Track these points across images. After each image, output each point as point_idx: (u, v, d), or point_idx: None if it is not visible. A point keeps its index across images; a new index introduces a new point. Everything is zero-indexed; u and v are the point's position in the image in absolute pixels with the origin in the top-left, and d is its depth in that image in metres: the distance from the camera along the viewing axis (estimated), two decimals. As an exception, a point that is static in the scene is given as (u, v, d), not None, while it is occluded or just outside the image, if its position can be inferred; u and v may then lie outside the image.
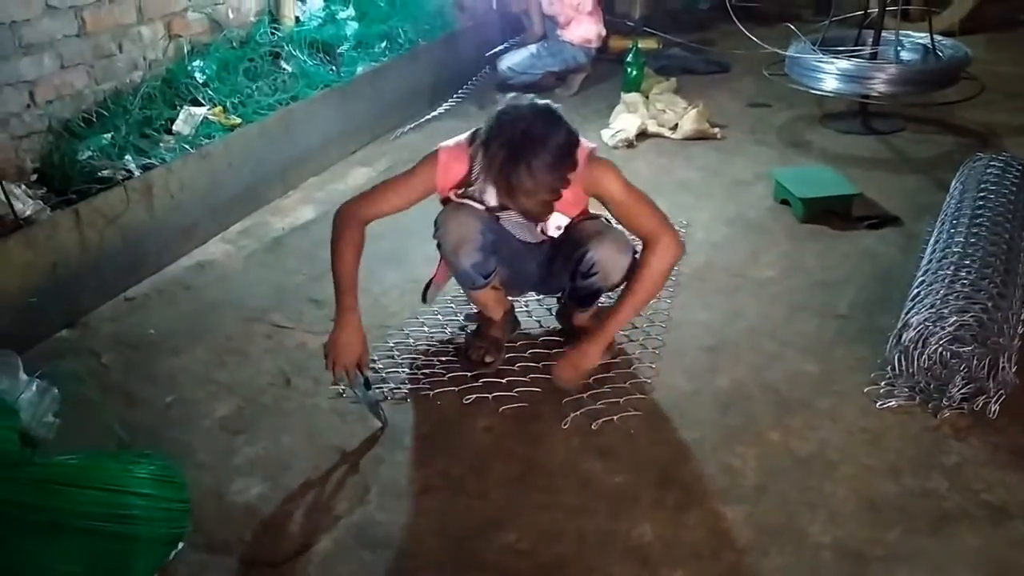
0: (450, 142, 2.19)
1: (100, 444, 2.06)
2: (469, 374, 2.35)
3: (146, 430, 2.16)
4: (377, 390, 2.25)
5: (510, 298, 2.52)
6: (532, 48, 4.92)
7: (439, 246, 2.27)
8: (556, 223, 2.24)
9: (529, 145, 1.92)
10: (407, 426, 2.18)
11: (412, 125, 4.34)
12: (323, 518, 1.89)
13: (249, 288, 2.86)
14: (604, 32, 5.04)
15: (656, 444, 2.11)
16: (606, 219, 2.31)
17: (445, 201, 2.25)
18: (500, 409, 2.23)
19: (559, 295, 2.53)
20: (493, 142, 1.95)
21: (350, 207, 2.19)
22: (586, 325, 2.46)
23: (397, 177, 2.22)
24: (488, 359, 2.39)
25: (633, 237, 2.24)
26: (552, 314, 2.61)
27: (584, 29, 4.85)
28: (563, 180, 1.99)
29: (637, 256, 2.22)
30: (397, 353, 2.46)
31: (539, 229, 2.29)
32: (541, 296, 2.67)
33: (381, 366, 2.40)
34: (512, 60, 4.92)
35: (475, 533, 1.85)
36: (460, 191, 2.20)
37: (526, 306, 2.68)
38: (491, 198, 2.14)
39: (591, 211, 2.34)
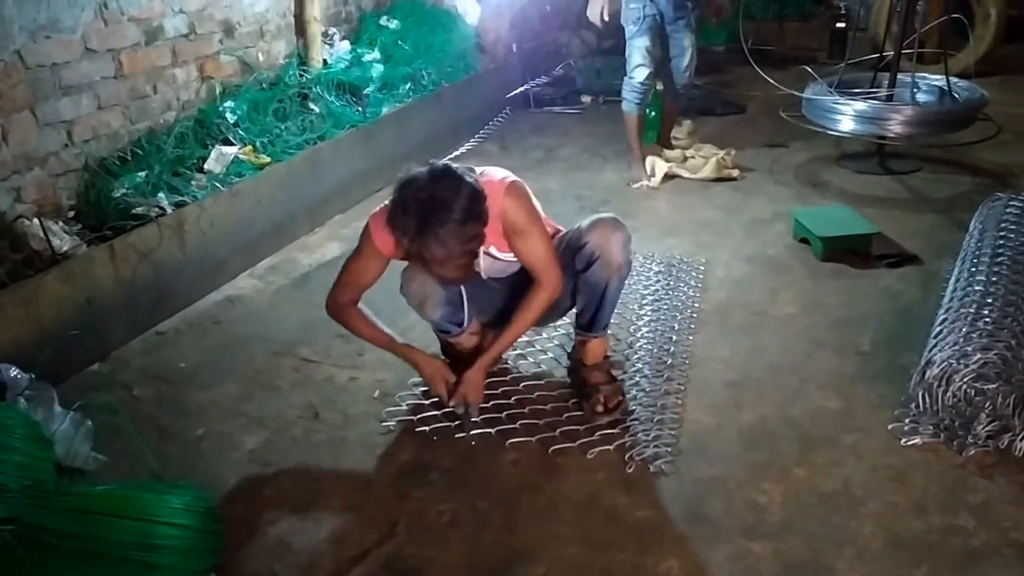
0: (377, 210, 2.14)
1: (133, 475, 2.09)
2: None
3: (177, 462, 2.20)
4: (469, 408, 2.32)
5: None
6: None
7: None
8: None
9: (434, 213, 1.86)
10: (434, 459, 2.20)
11: (435, 164, 4.41)
12: (352, 551, 1.91)
13: (277, 323, 2.91)
14: None
15: (681, 479, 2.12)
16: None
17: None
18: (530, 439, 2.25)
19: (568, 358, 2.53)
20: (400, 216, 1.90)
21: (333, 299, 2.27)
22: (599, 359, 2.43)
23: (351, 259, 2.22)
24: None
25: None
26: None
27: None
28: (475, 239, 1.93)
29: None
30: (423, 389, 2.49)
31: (483, 273, 2.26)
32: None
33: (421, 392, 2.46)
34: None
35: (502, 566, 1.86)
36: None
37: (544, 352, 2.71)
38: None
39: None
